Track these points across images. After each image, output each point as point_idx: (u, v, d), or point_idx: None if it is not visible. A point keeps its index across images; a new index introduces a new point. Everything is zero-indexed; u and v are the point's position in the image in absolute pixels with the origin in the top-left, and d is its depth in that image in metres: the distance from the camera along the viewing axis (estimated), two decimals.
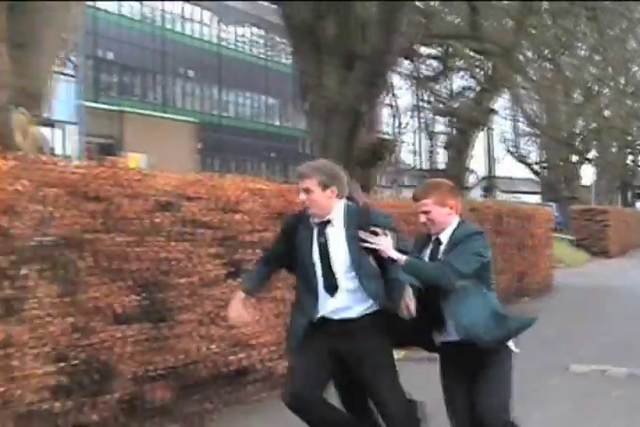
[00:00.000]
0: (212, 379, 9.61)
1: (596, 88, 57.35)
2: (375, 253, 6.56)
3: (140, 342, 8.31)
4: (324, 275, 6.63)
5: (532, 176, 70.82)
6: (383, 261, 6.62)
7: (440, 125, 50.82)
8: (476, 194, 45.44)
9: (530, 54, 40.90)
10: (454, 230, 6.62)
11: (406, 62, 37.90)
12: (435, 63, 43.58)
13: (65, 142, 24.08)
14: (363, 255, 6.65)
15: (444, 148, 45.03)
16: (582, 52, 48.91)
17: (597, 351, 14.11)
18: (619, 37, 41.38)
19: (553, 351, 13.90)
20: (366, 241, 6.46)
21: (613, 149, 69.78)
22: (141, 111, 41.76)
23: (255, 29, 54.27)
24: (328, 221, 6.78)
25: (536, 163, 69.70)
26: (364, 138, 18.77)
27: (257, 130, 54.06)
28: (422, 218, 6.71)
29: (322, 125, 18.84)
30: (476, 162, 46.82)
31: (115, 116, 38.18)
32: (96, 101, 37.51)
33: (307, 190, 6.68)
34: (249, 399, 9.97)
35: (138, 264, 8.14)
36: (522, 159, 68.72)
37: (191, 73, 49.45)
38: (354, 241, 6.65)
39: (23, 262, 7.01)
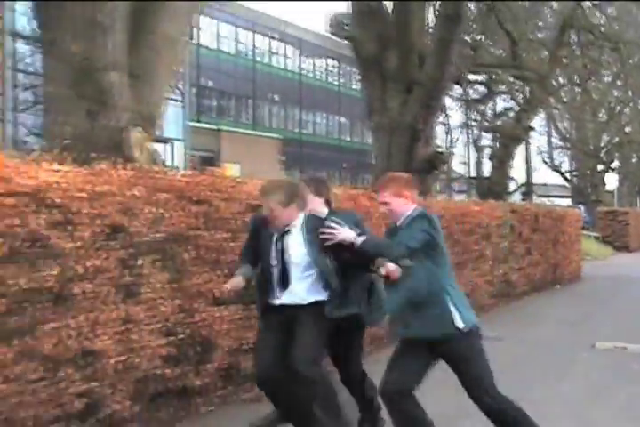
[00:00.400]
0: None
1: (618, 108, 56.92)
2: (336, 252, 6.56)
3: (234, 320, 8.44)
4: (279, 274, 6.68)
5: (564, 183, 69.93)
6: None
7: (486, 140, 50.43)
8: (517, 198, 44.95)
9: (562, 80, 40.67)
10: (408, 217, 6.42)
11: (457, 87, 37.88)
12: (481, 88, 43.67)
13: (173, 156, 24.32)
14: (321, 255, 6.65)
15: (489, 159, 44.44)
16: (606, 78, 48.98)
17: (619, 331, 13.74)
18: (637, 65, 40.99)
19: (580, 331, 13.65)
20: (327, 239, 6.45)
21: (633, 160, 69.00)
22: (235, 129, 41.87)
23: (330, 61, 54.26)
24: (287, 231, 6.76)
25: (567, 171, 68.89)
26: (421, 151, 18.68)
27: (331, 144, 53.93)
28: (382, 208, 6.64)
29: (386, 140, 18.83)
30: (516, 171, 46.34)
31: (213, 134, 38.39)
32: (198, 121, 37.74)
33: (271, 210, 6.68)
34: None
35: (232, 256, 8.20)
36: (555, 168, 67.94)
37: (276, 97, 49.51)
38: (311, 244, 6.66)
39: (139, 254, 7.14)
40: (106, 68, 9.19)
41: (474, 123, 49.48)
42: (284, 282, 6.65)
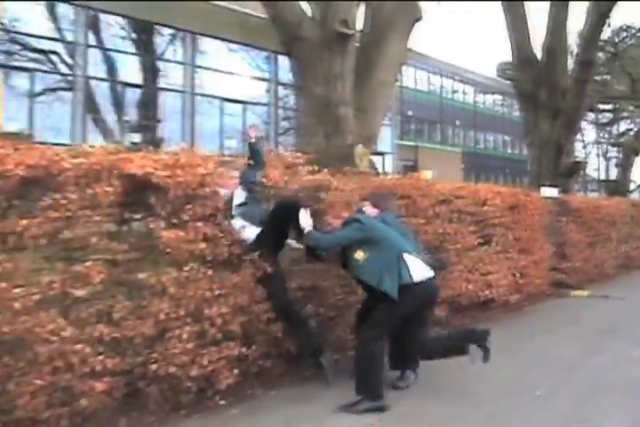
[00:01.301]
0: (470, 305, 9.48)
1: None
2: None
3: None
4: None
5: None
6: None
7: (612, 153, 48.76)
8: (635, 195, 43.10)
9: None
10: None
11: (590, 114, 37.16)
12: (608, 114, 42.87)
13: (385, 165, 24.39)
14: None
15: (615, 166, 43.60)
16: None
17: None
18: None
19: None
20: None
21: None
22: (428, 145, 41.96)
23: (497, 95, 53.64)
24: None
25: None
26: (564, 161, 18.41)
27: (498, 156, 53.29)
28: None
29: (537, 153, 18.65)
30: (636, 175, 44.76)
31: (413, 149, 38.62)
32: (402, 140, 37.85)
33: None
34: (493, 318, 9.78)
35: (426, 237, 8.08)
36: None
37: (458, 122, 49.21)
38: None
39: None
40: (339, 104, 9.30)
41: (603, 140, 48.75)
42: None
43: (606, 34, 27.63)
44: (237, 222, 5.80)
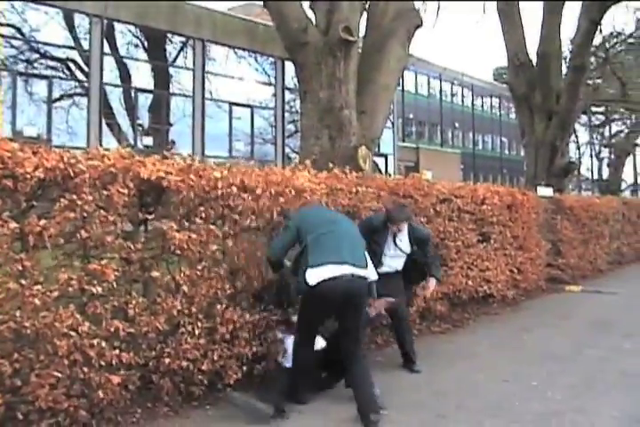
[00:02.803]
0: (469, 300, 9.49)
1: None
2: None
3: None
4: None
5: None
6: None
7: (604, 153, 48.78)
8: (627, 194, 43.12)
9: None
10: None
11: (583, 116, 37.21)
12: (600, 116, 43.02)
13: (387, 166, 24.41)
14: None
15: (607, 166, 43.57)
16: None
17: None
18: None
19: None
20: None
21: None
22: (429, 147, 41.87)
23: (494, 98, 53.61)
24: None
25: None
26: (558, 161, 18.37)
27: (495, 157, 53.25)
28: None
29: (533, 153, 18.59)
30: (627, 174, 44.88)
31: (414, 151, 38.51)
32: (403, 141, 37.87)
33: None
34: (491, 312, 9.78)
35: None
36: None
37: (457, 124, 49.16)
38: None
39: None
40: (342, 107, 9.27)
41: (596, 141, 48.84)
42: None
43: (597, 40, 27.74)
44: None
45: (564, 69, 19.84)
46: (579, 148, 46.31)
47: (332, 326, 5.47)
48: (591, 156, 49.76)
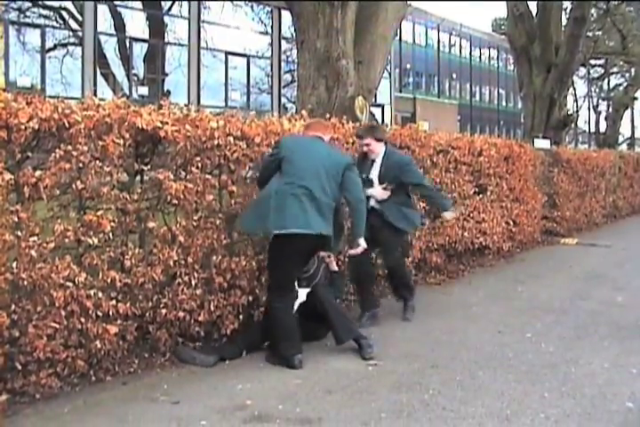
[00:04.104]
0: (465, 252, 9.51)
1: None
2: None
3: (426, 229, 8.28)
4: None
5: None
6: None
7: (602, 106, 48.67)
8: (624, 147, 43.08)
9: None
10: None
11: (582, 68, 37.02)
12: (599, 69, 43.00)
13: (383, 116, 24.23)
14: None
15: (605, 119, 43.51)
16: None
17: None
18: None
19: None
20: None
21: None
22: (426, 98, 41.53)
23: (493, 50, 53.06)
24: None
25: None
26: (556, 113, 18.40)
27: (492, 109, 52.88)
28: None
29: (531, 106, 18.59)
30: (624, 128, 44.80)
31: (411, 101, 38.23)
32: (400, 92, 37.58)
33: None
34: (486, 264, 9.83)
35: None
36: None
37: (454, 75, 48.73)
38: None
39: None
40: (339, 57, 9.16)
41: (594, 94, 48.90)
42: None
43: None
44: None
45: (564, 21, 19.65)
46: (576, 100, 46.13)
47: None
48: (589, 109, 49.65)
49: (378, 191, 6.29)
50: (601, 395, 4.51)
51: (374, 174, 6.34)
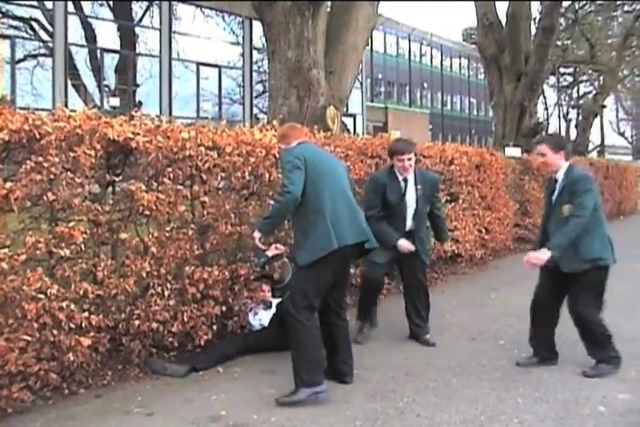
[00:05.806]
0: (438, 260, 9.54)
1: None
2: None
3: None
4: None
5: (627, 144, 68.78)
6: None
7: (572, 114, 49.27)
8: (594, 155, 43.56)
9: (626, 71, 38.83)
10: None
11: (552, 77, 37.55)
12: (568, 77, 43.69)
13: (355, 126, 24.32)
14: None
15: (575, 127, 44.13)
16: None
17: None
18: None
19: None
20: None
21: None
22: (397, 107, 41.70)
23: (463, 59, 53.54)
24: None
25: (630, 136, 68.69)
26: (527, 121, 18.60)
27: (464, 117, 53.35)
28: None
29: (502, 114, 18.78)
30: (594, 136, 45.42)
31: (382, 111, 38.28)
32: (372, 102, 37.74)
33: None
34: (459, 272, 9.88)
35: None
36: (621, 134, 67.13)
37: (425, 85, 49.05)
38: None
39: None
40: (310, 66, 9.19)
41: (564, 102, 49.35)
42: None
43: (567, 1, 27.92)
44: None
45: (534, 30, 19.87)
46: (547, 109, 46.71)
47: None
48: (559, 117, 50.17)
49: (404, 244, 5.97)
50: (573, 399, 4.56)
51: (410, 197, 6.13)
